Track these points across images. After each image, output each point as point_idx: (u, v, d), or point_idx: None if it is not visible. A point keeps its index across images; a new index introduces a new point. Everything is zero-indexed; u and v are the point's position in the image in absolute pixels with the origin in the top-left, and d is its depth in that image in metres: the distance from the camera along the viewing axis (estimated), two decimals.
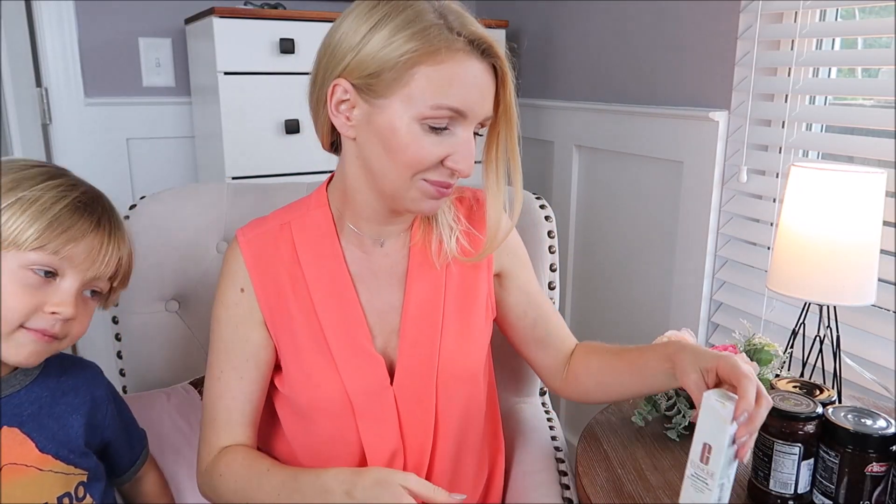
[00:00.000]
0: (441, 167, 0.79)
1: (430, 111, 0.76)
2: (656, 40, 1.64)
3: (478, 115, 0.79)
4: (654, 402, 1.04)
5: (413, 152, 0.78)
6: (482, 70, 0.78)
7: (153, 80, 2.08)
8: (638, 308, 1.76)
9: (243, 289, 0.88)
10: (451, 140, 0.78)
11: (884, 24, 1.22)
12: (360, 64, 0.76)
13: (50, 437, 0.78)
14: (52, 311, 0.73)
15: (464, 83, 0.76)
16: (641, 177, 1.70)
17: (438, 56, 0.75)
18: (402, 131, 0.77)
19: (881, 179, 1.04)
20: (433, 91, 0.75)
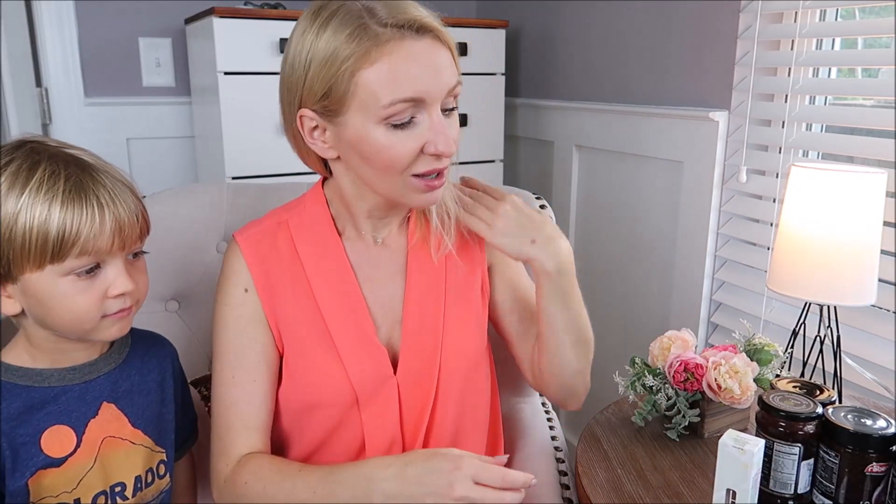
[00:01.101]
0: (423, 156, 0.79)
1: (386, 111, 0.75)
2: (656, 40, 1.64)
3: (437, 94, 0.77)
4: (654, 402, 1.04)
5: (387, 155, 0.78)
6: (425, 47, 0.75)
7: (153, 80, 2.08)
8: (638, 308, 1.76)
9: (247, 289, 0.88)
10: (421, 128, 0.77)
11: (884, 24, 1.22)
12: (311, 90, 0.78)
13: (140, 413, 0.84)
14: (117, 294, 0.75)
15: (407, 71, 0.74)
16: (641, 177, 1.70)
17: (370, 56, 0.74)
18: (370, 139, 0.77)
19: (881, 179, 1.04)
20: (380, 91, 0.75)
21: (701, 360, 1.01)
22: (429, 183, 0.80)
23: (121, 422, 0.82)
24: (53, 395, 0.78)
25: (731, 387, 0.97)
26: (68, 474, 0.77)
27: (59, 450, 0.77)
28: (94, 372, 0.81)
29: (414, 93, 0.75)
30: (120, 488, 0.81)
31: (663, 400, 1.02)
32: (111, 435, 0.81)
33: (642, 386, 1.04)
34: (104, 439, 0.80)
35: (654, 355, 1.08)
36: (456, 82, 0.79)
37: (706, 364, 1.00)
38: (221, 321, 0.89)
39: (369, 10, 0.75)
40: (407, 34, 0.74)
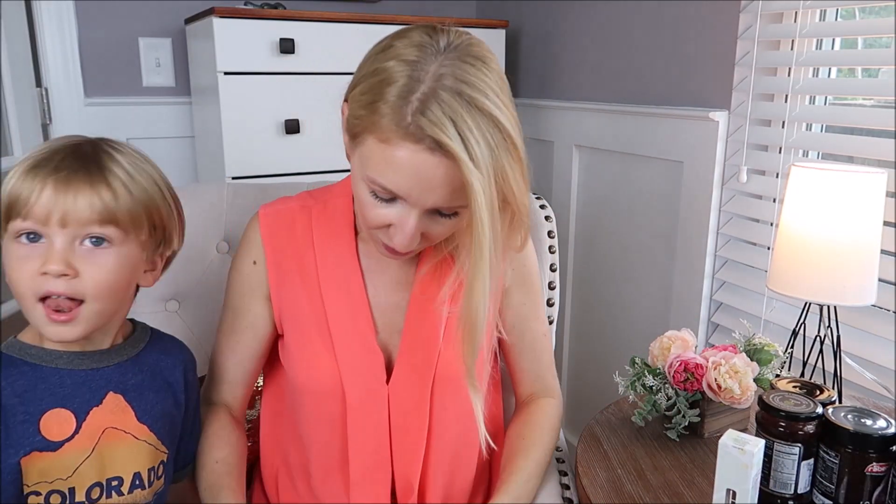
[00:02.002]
0: (388, 231, 0.78)
1: (368, 182, 0.74)
2: (656, 40, 1.64)
3: (422, 202, 0.73)
4: (654, 402, 1.04)
5: (361, 208, 0.78)
6: (434, 164, 0.70)
7: (153, 80, 2.08)
8: (638, 308, 1.76)
9: (256, 261, 0.91)
10: (397, 212, 0.75)
11: (884, 24, 1.22)
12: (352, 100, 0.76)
13: (148, 409, 0.82)
14: (43, 271, 0.71)
15: (400, 169, 0.71)
16: (641, 177, 1.70)
17: (385, 134, 0.71)
18: (357, 182, 0.77)
19: (881, 179, 1.04)
20: (371, 164, 0.73)
21: (701, 360, 1.01)
22: (390, 249, 0.80)
23: (127, 414, 0.81)
24: (59, 378, 0.77)
25: (731, 387, 0.97)
26: (64, 460, 0.76)
27: (57, 433, 0.75)
28: (105, 360, 0.80)
29: (395, 189, 0.73)
30: (117, 482, 0.79)
31: (663, 400, 1.02)
32: (114, 426, 0.79)
33: (642, 386, 1.04)
34: (106, 430, 0.79)
35: (654, 355, 1.08)
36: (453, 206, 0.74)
37: (706, 364, 1.00)
38: (229, 281, 0.95)
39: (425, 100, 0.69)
40: (425, 142, 0.69)
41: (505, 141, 0.72)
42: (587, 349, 1.98)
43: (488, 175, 0.70)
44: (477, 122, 0.69)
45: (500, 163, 0.71)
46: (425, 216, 0.75)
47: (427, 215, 0.76)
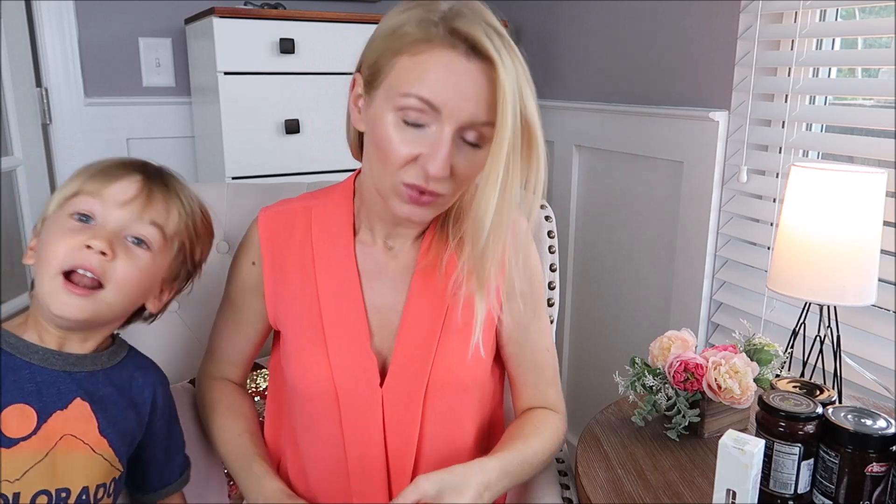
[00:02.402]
0: (416, 166, 0.76)
1: (401, 100, 0.74)
2: (656, 40, 1.64)
3: (456, 113, 0.74)
4: (654, 402, 1.04)
5: (386, 144, 0.76)
6: (468, 69, 0.73)
7: (153, 80, 2.08)
8: (638, 308, 1.76)
9: (254, 262, 0.93)
10: (427, 138, 0.75)
11: (884, 24, 1.22)
12: (367, 57, 0.79)
13: (112, 423, 0.80)
14: (86, 245, 0.74)
15: (437, 76, 0.73)
16: (641, 177, 1.70)
17: (417, 47, 0.73)
18: (381, 122, 0.77)
19: (881, 179, 1.04)
20: (406, 80, 0.74)
21: (701, 360, 1.01)
22: (413, 196, 0.78)
23: (89, 424, 0.78)
24: (30, 373, 0.75)
25: (731, 387, 0.97)
26: (16, 460, 0.72)
27: (15, 429, 0.73)
28: (79, 365, 0.79)
29: (431, 96, 0.73)
30: (65, 494, 0.76)
31: (663, 400, 1.02)
32: (73, 434, 0.77)
33: (642, 386, 1.04)
34: (64, 436, 0.76)
35: (654, 355, 1.08)
36: (483, 121, 0.75)
37: (706, 364, 1.00)
38: (229, 277, 0.97)
39: (452, 11, 0.74)
40: (460, 48, 0.72)
41: (524, 66, 0.77)
42: (587, 349, 1.98)
43: (515, 84, 0.73)
44: (503, 40, 0.74)
45: (523, 79, 0.76)
46: (454, 143, 0.75)
47: (455, 143, 0.76)
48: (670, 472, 0.94)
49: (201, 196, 1.19)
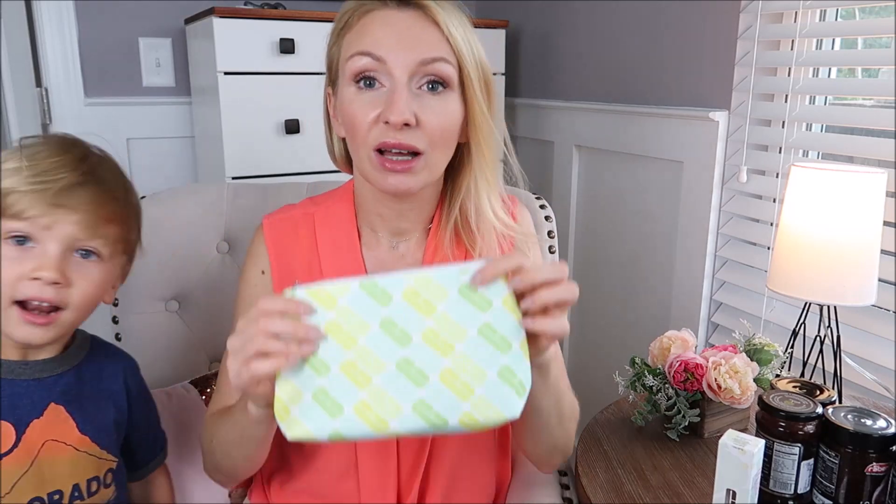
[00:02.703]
0: (380, 125, 0.76)
1: (350, 64, 0.77)
2: (656, 40, 1.64)
3: (401, 60, 0.75)
4: (654, 402, 1.04)
5: (352, 116, 0.78)
6: (402, 17, 0.77)
7: (153, 80, 2.08)
8: (638, 308, 1.76)
9: (263, 271, 0.91)
10: (382, 94, 0.77)
11: (884, 24, 1.22)
12: (326, 62, 0.84)
13: (89, 419, 0.80)
14: (34, 276, 0.71)
15: (375, 31, 0.76)
16: (641, 177, 1.70)
17: (352, 19, 0.78)
18: (345, 101, 0.79)
19: (881, 179, 1.04)
20: (350, 46, 0.78)
21: (701, 360, 1.01)
22: (385, 162, 0.77)
23: (67, 425, 0.78)
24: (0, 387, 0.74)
25: (731, 387, 0.97)
26: (3, 476, 0.73)
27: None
28: (47, 371, 0.78)
29: (372, 47, 0.76)
30: (58, 496, 0.76)
31: (663, 400, 1.02)
32: (54, 438, 0.76)
33: (642, 386, 1.05)
34: (46, 442, 0.76)
35: (654, 355, 1.08)
36: (434, 57, 0.76)
37: (706, 364, 1.00)
38: (239, 293, 0.93)
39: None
40: (391, 4, 0.77)
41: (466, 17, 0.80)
42: (587, 349, 1.98)
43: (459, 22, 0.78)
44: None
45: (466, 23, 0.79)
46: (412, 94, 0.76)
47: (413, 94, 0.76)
48: (670, 472, 0.94)
49: (201, 196, 1.19)
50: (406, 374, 0.63)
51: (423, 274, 0.64)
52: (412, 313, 0.64)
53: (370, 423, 0.63)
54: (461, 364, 0.63)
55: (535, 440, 0.86)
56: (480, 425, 0.63)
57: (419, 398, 0.63)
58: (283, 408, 0.64)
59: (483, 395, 0.62)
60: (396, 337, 0.64)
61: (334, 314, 0.64)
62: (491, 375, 0.62)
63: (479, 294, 0.63)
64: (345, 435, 0.63)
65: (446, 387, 0.62)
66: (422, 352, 0.63)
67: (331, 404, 0.63)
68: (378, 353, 0.64)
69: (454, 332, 0.63)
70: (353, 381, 0.63)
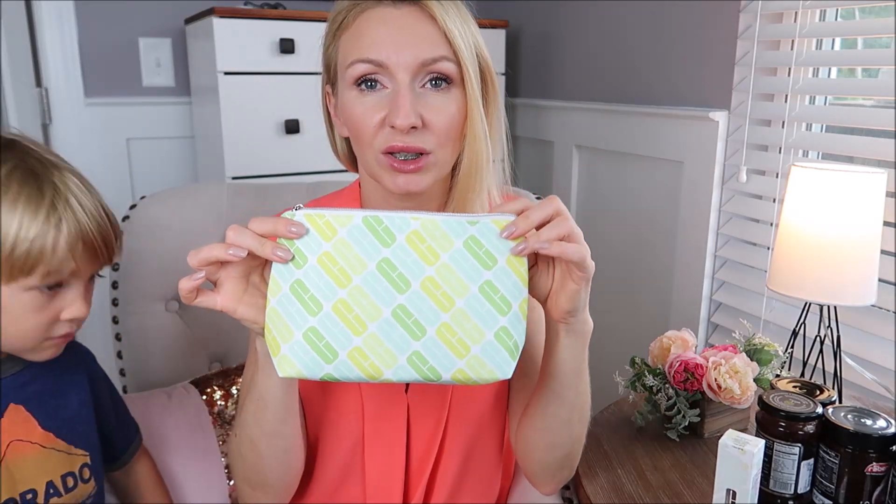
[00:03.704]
0: (385, 129, 0.75)
1: (350, 70, 0.74)
2: (656, 40, 1.64)
3: (403, 62, 0.72)
4: (654, 402, 1.04)
5: (355, 122, 0.76)
6: (399, 15, 0.73)
7: (153, 80, 2.08)
8: (638, 308, 1.76)
9: None
10: (386, 97, 0.74)
11: (884, 24, 1.22)
12: (323, 61, 0.81)
13: (52, 414, 0.79)
14: (70, 318, 0.74)
15: (372, 33, 0.73)
16: (641, 177, 1.70)
17: (348, 19, 0.75)
18: (345, 103, 0.77)
19: (881, 179, 1.04)
20: (348, 51, 0.75)
21: (701, 360, 1.01)
22: (393, 163, 0.75)
23: (29, 424, 0.78)
24: None
25: (731, 387, 0.97)
26: None
27: None
28: (3, 371, 0.77)
29: (371, 54, 0.73)
30: (31, 495, 0.76)
31: (663, 400, 1.02)
32: (18, 438, 0.76)
33: (642, 386, 1.05)
34: (10, 443, 0.75)
35: (654, 355, 1.08)
36: (435, 57, 0.73)
37: (706, 364, 1.00)
38: None
39: None
40: (385, 1, 0.74)
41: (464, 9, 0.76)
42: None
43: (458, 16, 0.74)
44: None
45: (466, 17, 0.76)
46: (415, 93, 0.74)
47: (417, 92, 0.74)
48: (670, 472, 0.94)
49: (201, 196, 1.19)
50: (402, 324, 0.62)
51: (431, 218, 0.63)
52: (414, 258, 0.62)
53: (364, 371, 0.62)
54: (459, 321, 0.62)
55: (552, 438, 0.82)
56: (472, 381, 0.62)
57: (415, 350, 0.62)
58: (273, 340, 0.62)
59: (478, 355, 0.62)
60: (393, 281, 0.62)
61: (330, 246, 0.63)
62: (488, 336, 0.62)
63: (485, 249, 0.62)
64: (337, 378, 0.62)
65: (442, 342, 0.62)
66: (419, 301, 0.62)
67: (324, 347, 0.62)
68: (373, 295, 0.62)
69: (455, 287, 0.62)
70: (346, 325, 0.62)
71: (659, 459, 0.97)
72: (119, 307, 1.14)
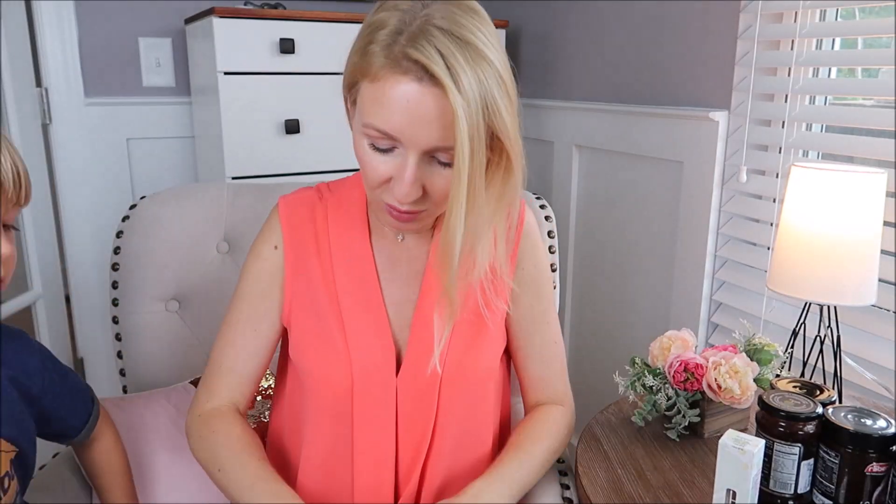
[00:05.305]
0: (390, 188, 0.77)
1: (365, 129, 0.75)
2: (656, 40, 1.64)
3: (415, 141, 0.73)
4: (654, 402, 1.04)
5: (363, 166, 0.78)
6: (421, 96, 0.71)
7: (153, 80, 2.08)
8: (638, 308, 1.76)
9: (276, 246, 0.91)
10: (396, 161, 0.75)
11: (884, 24, 1.22)
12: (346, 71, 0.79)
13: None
14: None
15: (391, 106, 0.72)
16: (641, 177, 1.70)
17: (377, 73, 0.72)
18: (358, 144, 0.78)
19: (881, 179, 1.04)
20: (367, 110, 0.74)
21: (701, 360, 1.01)
22: (392, 211, 0.79)
23: None
24: None
25: (731, 387, 0.97)
26: None
27: None
28: None
29: (388, 128, 0.73)
30: None
31: (663, 400, 1.02)
32: None
33: (642, 386, 1.04)
34: None
35: (654, 355, 1.08)
36: (444, 146, 0.73)
37: (706, 364, 1.00)
38: (246, 269, 0.93)
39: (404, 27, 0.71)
40: (412, 74, 0.70)
41: (495, 76, 0.73)
42: (587, 349, 1.98)
43: (475, 104, 0.70)
44: (465, 55, 0.70)
45: (489, 94, 0.71)
46: (423, 164, 0.75)
47: (425, 164, 0.75)
48: (670, 472, 0.94)
49: (201, 196, 1.19)
50: None
51: None
52: None
53: None
54: None
55: None
56: None
57: None
58: None
59: None
60: None
61: None
62: None
63: None
64: None
65: None
66: None
67: None
68: None
69: None
70: None
71: (659, 459, 0.97)
72: (119, 307, 1.14)
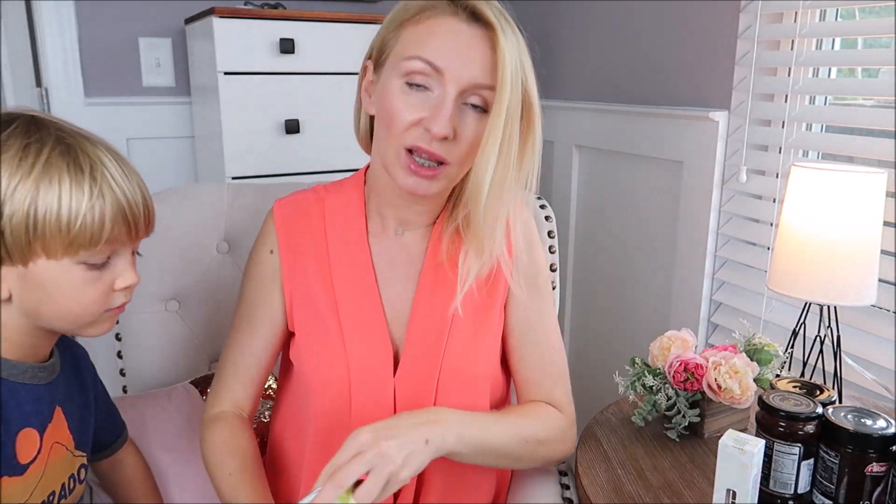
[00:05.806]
0: (419, 129, 0.79)
1: (406, 63, 0.77)
2: (656, 40, 1.64)
3: (457, 75, 0.77)
4: (654, 402, 1.04)
5: (392, 110, 0.79)
6: (470, 34, 0.77)
7: (153, 80, 2.08)
8: (638, 308, 1.76)
9: (272, 250, 0.92)
10: (431, 102, 0.78)
11: (884, 24, 1.22)
12: (376, 40, 0.83)
13: (76, 417, 0.80)
14: (123, 287, 0.74)
15: (440, 39, 0.77)
16: (641, 177, 1.70)
17: (421, 15, 0.78)
18: (388, 90, 0.80)
19: (881, 179, 1.04)
20: (411, 45, 0.78)
21: (701, 360, 1.01)
22: (411, 163, 0.79)
23: (63, 425, 0.77)
24: (26, 393, 0.72)
25: (731, 387, 0.97)
26: (27, 483, 0.71)
27: (26, 455, 0.71)
28: (53, 372, 0.76)
29: (434, 57, 0.77)
30: (52, 497, 0.76)
31: (663, 400, 1.02)
32: (58, 441, 0.76)
33: (642, 386, 1.04)
34: (53, 445, 0.75)
35: (654, 355, 1.08)
36: (485, 84, 0.78)
37: (706, 364, 1.00)
38: (246, 274, 0.95)
39: None
40: (461, 15, 0.78)
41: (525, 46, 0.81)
42: (587, 349, 1.98)
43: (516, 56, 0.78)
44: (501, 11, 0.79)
45: (525, 56, 0.80)
46: (458, 106, 0.78)
47: (459, 106, 0.78)
48: (670, 472, 0.94)
49: (201, 196, 1.19)
50: None
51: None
52: None
53: None
54: None
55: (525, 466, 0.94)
56: None
57: None
58: None
59: None
60: None
61: None
62: None
63: None
64: None
65: None
66: None
67: None
68: None
69: None
70: None
71: (659, 459, 0.97)
72: None
